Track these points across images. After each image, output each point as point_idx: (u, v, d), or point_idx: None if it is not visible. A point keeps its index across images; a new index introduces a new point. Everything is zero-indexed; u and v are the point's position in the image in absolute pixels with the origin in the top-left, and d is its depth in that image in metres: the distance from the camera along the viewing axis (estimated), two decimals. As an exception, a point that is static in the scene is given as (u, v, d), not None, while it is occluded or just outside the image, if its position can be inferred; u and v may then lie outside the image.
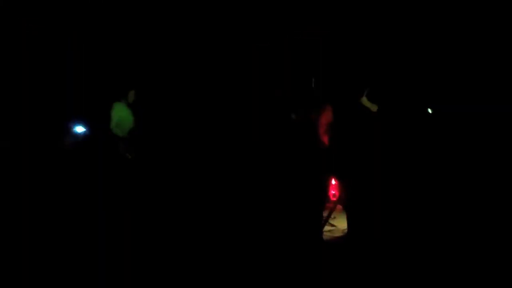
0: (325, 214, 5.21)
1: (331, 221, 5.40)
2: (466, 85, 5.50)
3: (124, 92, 5.32)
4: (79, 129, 4.71)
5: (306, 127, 5.10)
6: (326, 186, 4.71)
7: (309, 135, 5.15)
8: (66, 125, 4.74)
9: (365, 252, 4.28)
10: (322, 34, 5.98)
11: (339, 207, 5.10)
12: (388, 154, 4.73)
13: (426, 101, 5.17)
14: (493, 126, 5.23)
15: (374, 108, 4.66)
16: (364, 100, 4.66)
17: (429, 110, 4.94)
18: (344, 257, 4.35)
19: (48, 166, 4.88)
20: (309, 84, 5.45)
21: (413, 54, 5.66)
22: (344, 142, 4.85)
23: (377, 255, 4.15)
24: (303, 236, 4.56)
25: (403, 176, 4.69)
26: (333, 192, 5.01)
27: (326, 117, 4.91)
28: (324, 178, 4.71)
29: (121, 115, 5.27)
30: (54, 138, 4.66)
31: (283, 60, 6.09)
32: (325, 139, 4.98)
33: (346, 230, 4.83)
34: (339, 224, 5.13)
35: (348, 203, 4.74)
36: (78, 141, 4.78)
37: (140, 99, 5.45)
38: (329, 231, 5.06)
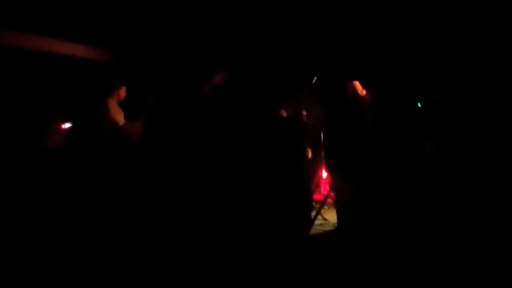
0: (316, 207, 5.21)
1: (323, 215, 5.39)
2: (460, 81, 5.42)
3: (117, 90, 5.33)
4: (68, 126, 4.71)
5: (295, 122, 5.08)
6: (311, 179, 4.69)
7: (299, 130, 5.13)
8: (56, 124, 4.75)
9: (355, 246, 4.25)
10: (316, 33, 5.95)
11: (331, 200, 5.07)
12: (380, 148, 4.69)
13: (418, 96, 5.12)
14: (486, 122, 5.15)
15: (362, 92, 4.62)
16: (356, 83, 4.63)
17: (419, 104, 4.89)
18: (334, 251, 4.32)
19: (42, 166, 4.88)
20: (300, 80, 5.41)
21: (407, 50, 5.59)
22: (335, 136, 4.82)
23: (367, 249, 4.12)
24: (290, 232, 4.53)
25: (394, 170, 4.64)
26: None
27: (314, 112, 4.89)
28: (310, 171, 4.69)
29: (113, 113, 5.26)
30: (45, 137, 4.66)
31: (274, 57, 6.05)
32: (315, 133, 4.97)
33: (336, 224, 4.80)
34: (332, 218, 5.11)
35: (338, 197, 4.69)
36: (68, 140, 4.78)
37: (134, 98, 5.44)
38: (320, 224, 5.04)
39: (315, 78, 4.98)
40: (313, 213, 4.99)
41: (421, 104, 4.91)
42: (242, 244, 4.20)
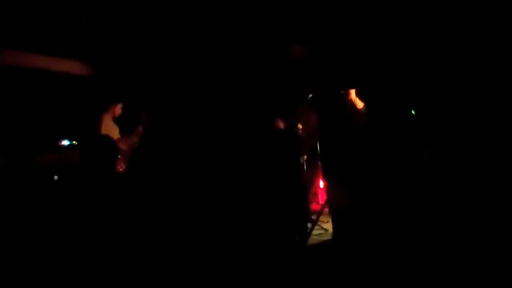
0: (313, 217, 5.19)
1: (322, 225, 5.37)
2: (458, 86, 5.41)
3: (113, 106, 5.34)
4: (66, 142, 4.74)
5: (291, 133, 5.10)
6: (308, 189, 4.68)
7: (295, 141, 5.14)
8: (53, 139, 4.77)
9: (351, 256, 4.22)
10: (314, 37, 5.96)
11: (327, 210, 5.06)
12: (376, 156, 4.68)
13: (413, 103, 5.11)
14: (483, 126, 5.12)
15: (360, 104, 4.63)
16: (352, 94, 4.65)
17: (412, 112, 4.88)
18: (332, 261, 4.30)
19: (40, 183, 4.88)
20: (296, 91, 5.42)
21: (403, 55, 5.60)
22: (331, 146, 4.82)
23: (364, 258, 4.10)
24: (288, 242, 4.52)
25: (390, 178, 4.62)
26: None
27: (310, 122, 4.90)
28: (307, 181, 4.69)
29: (108, 127, 5.28)
30: (41, 154, 4.67)
31: (274, 63, 6.06)
32: (312, 143, 4.97)
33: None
34: (330, 227, 5.09)
35: (334, 207, 4.68)
36: (65, 155, 4.80)
37: (129, 114, 5.43)
38: (318, 234, 5.02)
39: (310, 94, 4.99)
40: (311, 223, 4.98)
41: (415, 111, 4.90)
42: (239, 254, 4.20)
